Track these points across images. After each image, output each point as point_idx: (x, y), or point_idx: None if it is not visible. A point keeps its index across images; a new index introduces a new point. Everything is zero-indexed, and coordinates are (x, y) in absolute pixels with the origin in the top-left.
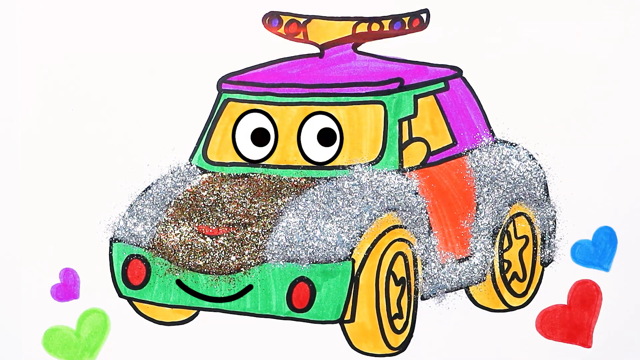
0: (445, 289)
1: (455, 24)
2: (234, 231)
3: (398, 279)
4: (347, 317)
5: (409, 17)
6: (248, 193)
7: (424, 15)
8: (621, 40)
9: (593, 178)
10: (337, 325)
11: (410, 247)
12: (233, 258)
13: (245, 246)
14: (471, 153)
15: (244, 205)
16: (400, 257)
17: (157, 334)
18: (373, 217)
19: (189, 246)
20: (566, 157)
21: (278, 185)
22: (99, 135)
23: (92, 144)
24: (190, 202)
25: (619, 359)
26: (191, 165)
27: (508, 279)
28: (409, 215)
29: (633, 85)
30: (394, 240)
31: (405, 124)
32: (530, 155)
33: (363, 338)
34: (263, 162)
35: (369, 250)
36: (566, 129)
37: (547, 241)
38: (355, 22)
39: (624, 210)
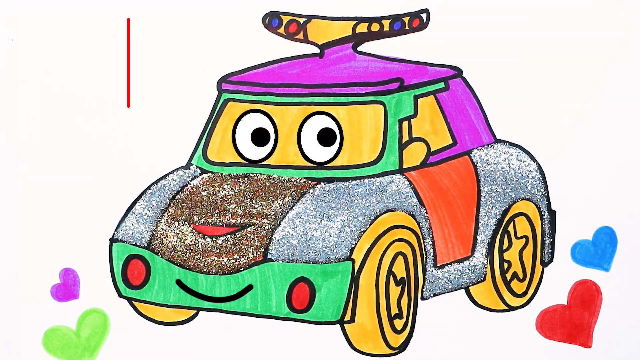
0: (445, 289)
1: (456, 23)
2: (234, 231)
3: (398, 279)
4: (347, 317)
5: (409, 17)
6: (248, 193)
7: (424, 15)
8: (622, 40)
9: (593, 178)
10: (337, 326)
11: (410, 247)
12: (233, 258)
13: (245, 246)
14: (471, 153)
15: (244, 205)
16: (400, 257)
17: (157, 334)
18: (373, 217)
19: (189, 246)
20: (566, 156)
21: (278, 185)
22: (98, 135)
23: (91, 143)
24: (190, 202)
25: (619, 359)
26: (191, 165)
27: (508, 279)
28: (409, 216)
29: (633, 85)
30: (394, 240)
31: (405, 124)
32: (530, 155)
33: (363, 338)
34: (263, 162)
35: (369, 250)
36: (566, 128)
37: (547, 241)
38: (355, 22)
39: (624, 210)
